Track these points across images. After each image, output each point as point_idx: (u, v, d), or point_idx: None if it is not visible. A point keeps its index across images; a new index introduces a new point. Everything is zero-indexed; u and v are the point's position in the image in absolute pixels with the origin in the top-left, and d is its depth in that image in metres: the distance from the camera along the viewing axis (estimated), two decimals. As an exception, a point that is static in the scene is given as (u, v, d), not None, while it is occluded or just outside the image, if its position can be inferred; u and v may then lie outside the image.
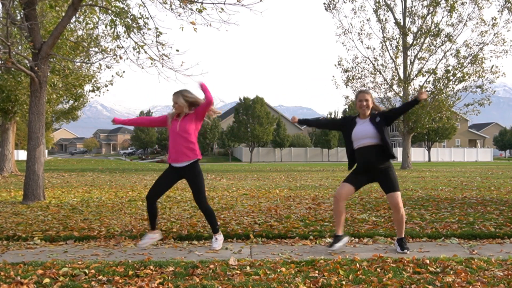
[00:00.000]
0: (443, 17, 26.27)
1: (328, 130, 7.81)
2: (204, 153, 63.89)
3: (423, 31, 26.39)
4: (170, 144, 5.14)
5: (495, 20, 25.47)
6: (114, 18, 9.41)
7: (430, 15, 26.29)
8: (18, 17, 10.84)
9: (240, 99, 55.99)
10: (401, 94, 27.85)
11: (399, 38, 27.15)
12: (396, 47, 27.12)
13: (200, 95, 5.14)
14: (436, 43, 26.57)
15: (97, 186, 13.40)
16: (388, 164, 4.85)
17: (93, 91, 19.05)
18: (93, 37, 14.35)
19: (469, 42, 26.04)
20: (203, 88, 5.08)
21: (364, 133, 4.81)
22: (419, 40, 26.77)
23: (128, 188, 12.62)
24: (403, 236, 4.90)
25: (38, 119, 9.06)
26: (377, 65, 27.81)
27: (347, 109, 59.34)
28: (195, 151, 5.11)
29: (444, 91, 26.71)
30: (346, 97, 30.69)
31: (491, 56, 26.03)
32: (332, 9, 27.63)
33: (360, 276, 3.72)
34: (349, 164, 5.00)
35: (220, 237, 5.10)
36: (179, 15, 9.08)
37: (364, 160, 4.80)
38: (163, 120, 5.29)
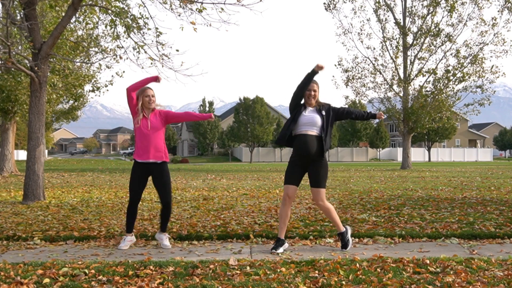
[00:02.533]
0: (443, 17, 26.28)
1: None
2: (204, 153, 63.91)
3: (423, 31, 26.40)
4: (139, 142, 5.12)
5: (495, 20, 25.47)
6: (114, 18, 9.41)
7: (430, 15, 26.30)
8: (18, 17, 10.85)
9: (240, 99, 55.99)
10: (401, 94, 27.85)
11: (399, 38, 27.16)
12: (396, 47, 27.13)
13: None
14: (436, 43, 26.58)
15: (97, 186, 13.40)
16: (322, 158, 4.87)
17: (93, 91, 19.04)
18: (93, 37, 14.34)
19: (469, 42, 26.05)
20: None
21: (310, 120, 4.82)
22: (419, 40, 26.78)
23: (128, 188, 12.61)
24: (342, 229, 4.94)
25: (38, 119, 9.06)
26: (377, 65, 27.82)
27: (347, 109, 59.36)
28: (165, 153, 5.16)
29: (444, 91, 26.72)
30: (346, 97, 30.70)
31: (491, 56, 26.07)
32: (332, 9, 27.63)
33: (360, 276, 3.72)
34: (279, 140, 5.00)
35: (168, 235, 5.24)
36: (179, 15, 9.08)
37: (302, 148, 4.79)
38: (135, 101, 5.10)
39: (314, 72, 4.84)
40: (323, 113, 4.88)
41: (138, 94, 5.10)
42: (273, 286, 3.47)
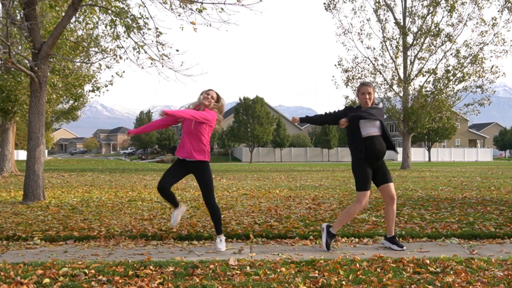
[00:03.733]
0: (443, 17, 26.27)
1: (330, 125, 7.84)
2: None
3: (423, 31, 26.39)
4: (182, 139, 5.06)
5: (495, 20, 25.46)
6: (114, 18, 9.41)
7: (430, 15, 26.29)
8: (18, 17, 10.84)
9: (240, 99, 55.99)
10: (401, 94, 27.85)
11: (399, 38, 27.14)
12: (396, 47, 27.11)
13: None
14: (436, 43, 26.57)
15: (97, 186, 13.40)
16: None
17: (93, 91, 19.02)
18: (93, 37, 14.35)
19: (469, 42, 26.04)
20: (168, 113, 5.00)
21: (371, 123, 4.86)
22: (419, 40, 26.77)
23: (128, 188, 12.62)
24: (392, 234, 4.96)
25: (38, 119, 9.06)
26: (377, 65, 27.81)
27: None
28: (208, 152, 5.08)
29: (444, 91, 26.71)
30: (346, 97, 30.68)
31: (491, 56, 26.03)
32: (332, 9, 27.62)
33: (360, 276, 3.72)
34: (362, 151, 4.82)
35: (223, 237, 5.08)
36: (179, 15, 9.08)
37: (374, 148, 4.81)
38: (173, 119, 5.11)
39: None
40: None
41: (200, 95, 5.09)
42: (273, 286, 3.47)
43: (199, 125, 4.98)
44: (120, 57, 10.16)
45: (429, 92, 27.15)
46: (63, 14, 9.51)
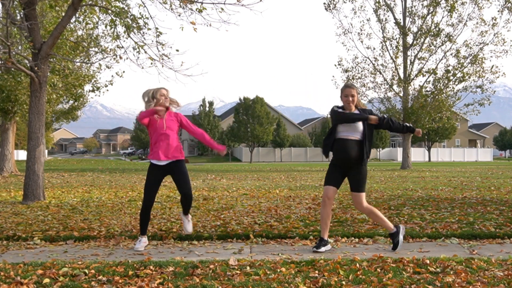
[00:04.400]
0: (443, 17, 26.28)
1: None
2: (204, 153, 63.92)
3: (423, 31, 26.40)
4: (156, 142, 5.01)
5: (495, 20, 25.47)
6: (114, 18, 9.41)
7: (430, 15, 26.30)
8: (18, 17, 10.84)
9: (240, 99, 55.99)
10: (401, 94, 27.85)
11: (399, 38, 27.15)
12: (396, 47, 27.12)
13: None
14: (436, 43, 26.58)
15: (97, 186, 13.40)
16: (363, 162, 4.84)
17: (93, 91, 19.04)
18: (93, 37, 14.35)
19: (469, 42, 26.05)
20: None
21: (351, 127, 4.81)
22: (419, 40, 26.77)
23: (128, 188, 12.62)
24: (393, 229, 4.94)
25: (38, 119, 9.06)
26: (377, 65, 27.82)
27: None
28: (181, 151, 5.13)
29: (444, 91, 26.72)
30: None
31: (491, 56, 26.06)
32: (332, 9, 27.63)
33: (360, 276, 3.72)
34: (325, 151, 4.95)
35: (190, 217, 5.34)
36: (179, 15, 9.08)
37: (344, 153, 4.80)
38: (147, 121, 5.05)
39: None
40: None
41: (153, 94, 5.04)
42: (273, 286, 3.47)
43: (170, 125, 5.01)
44: (120, 57, 10.17)
45: (429, 92, 27.16)
46: (63, 14, 9.51)
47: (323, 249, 4.79)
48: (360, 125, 4.82)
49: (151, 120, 5.04)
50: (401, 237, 4.90)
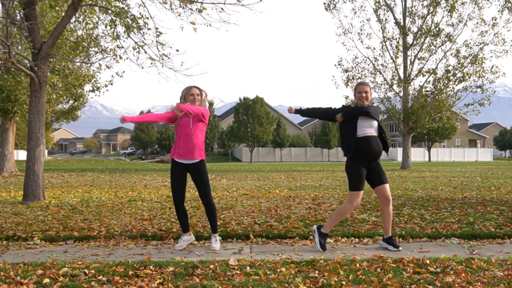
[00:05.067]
0: (443, 17, 26.27)
1: (323, 120, 7.58)
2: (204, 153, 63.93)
3: (423, 31, 26.39)
4: (181, 141, 5.01)
5: (495, 20, 25.46)
6: (114, 18, 9.41)
7: (430, 15, 26.29)
8: (18, 17, 10.84)
9: (240, 99, 55.99)
10: (401, 94, 27.85)
11: (399, 38, 27.14)
12: (396, 47, 27.11)
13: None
14: (436, 43, 26.57)
15: (97, 186, 13.40)
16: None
17: (93, 91, 19.02)
18: (93, 37, 14.34)
19: (469, 42, 26.04)
20: (184, 109, 5.01)
21: (368, 122, 4.83)
22: (419, 40, 26.76)
23: (128, 188, 12.62)
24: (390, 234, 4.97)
25: (38, 119, 9.05)
26: (377, 65, 27.81)
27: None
28: (203, 150, 5.10)
29: (444, 91, 26.70)
30: (346, 97, 30.69)
31: (491, 56, 26.03)
32: (332, 9, 27.62)
33: (360, 276, 3.72)
34: (354, 150, 4.79)
35: (218, 237, 5.11)
36: (179, 15, 9.08)
37: (370, 149, 4.78)
38: (172, 116, 5.08)
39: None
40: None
41: (184, 94, 5.08)
42: (273, 286, 3.47)
43: (197, 124, 4.99)
44: (120, 57, 10.17)
45: (429, 92, 27.15)
46: (63, 14, 9.51)
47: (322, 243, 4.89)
48: (375, 121, 4.87)
49: (176, 117, 5.03)
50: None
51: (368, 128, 4.83)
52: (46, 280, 3.58)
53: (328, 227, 4.98)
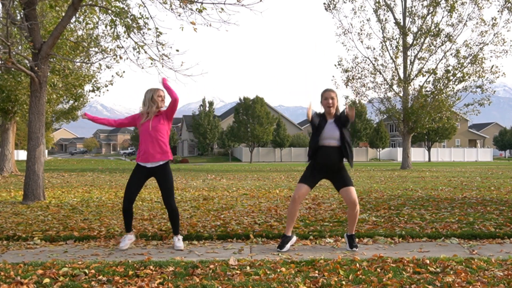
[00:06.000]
0: (443, 17, 26.29)
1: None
2: (204, 153, 63.92)
3: (423, 31, 26.41)
4: (141, 144, 5.04)
5: (495, 20, 25.48)
6: (114, 18, 9.41)
7: (430, 15, 26.31)
8: (18, 17, 10.84)
9: (240, 99, 55.98)
10: (401, 94, 27.86)
11: (399, 38, 27.16)
12: (396, 47, 27.13)
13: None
14: (436, 43, 26.59)
15: (97, 186, 13.40)
16: (342, 164, 4.98)
17: (93, 91, 19.04)
18: (93, 37, 14.34)
19: (469, 42, 26.06)
20: (166, 85, 5.00)
21: (330, 134, 4.85)
22: (419, 40, 26.78)
23: (128, 188, 12.60)
24: (354, 233, 4.99)
25: (38, 119, 9.06)
26: (377, 65, 27.83)
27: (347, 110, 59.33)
28: (167, 152, 5.06)
29: (444, 91, 26.72)
30: (346, 97, 30.71)
31: (491, 56, 26.08)
32: (332, 9, 27.64)
33: (360, 276, 3.72)
34: (310, 156, 4.96)
35: (181, 237, 5.13)
36: (179, 15, 9.08)
37: (327, 159, 4.85)
38: (131, 120, 5.16)
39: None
40: (337, 123, 4.88)
41: (150, 95, 5.01)
42: (273, 286, 3.47)
43: (157, 125, 4.98)
44: (120, 57, 10.17)
45: (429, 92, 27.16)
46: (63, 14, 9.52)
47: (288, 246, 4.85)
48: (336, 131, 4.84)
49: (137, 121, 5.09)
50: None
51: (328, 139, 4.84)
52: (46, 280, 3.58)
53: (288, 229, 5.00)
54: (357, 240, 5.36)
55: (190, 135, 69.68)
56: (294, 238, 5.06)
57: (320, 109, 5.06)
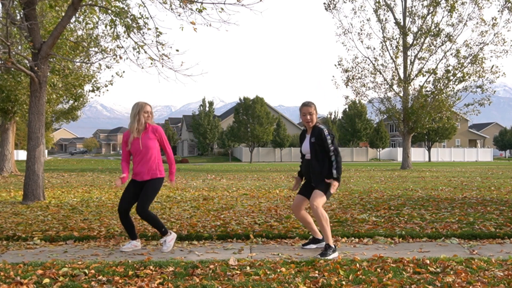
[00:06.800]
0: (443, 17, 26.28)
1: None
2: (204, 153, 63.92)
3: (423, 31, 26.40)
4: (133, 162, 5.01)
5: (495, 20, 25.47)
6: (114, 18, 9.41)
7: (430, 15, 26.30)
8: (18, 17, 10.84)
9: (240, 99, 55.96)
10: (401, 94, 27.86)
11: (399, 38, 27.15)
12: (396, 47, 27.12)
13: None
14: (436, 43, 26.58)
15: (97, 186, 13.40)
16: (323, 179, 4.75)
17: (93, 91, 19.03)
18: (93, 37, 14.34)
19: (469, 42, 26.05)
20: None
21: (305, 149, 4.92)
22: (419, 40, 26.77)
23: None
24: (329, 242, 4.65)
25: (38, 119, 9.05)
26: (377, 65, 27.82)
27: (347, 109, 59.36)
28: (158, 170, 4.99)
29: (444, 91, 26.72)
30: (346, 97, 30.71)
31: (491, 56, 26.06)
32: (332, 9, 27.63)
33: (360, 276, 3.72)
34: (300, 172, 5.15)
35: (169, 238, 5.01)
36: (179, 15, 9.08)
37: (305, 171, 4.97)
38: (126, 144, 5.05)
39: None
40: (312, 140, 4.82)
41: (136, 111, 4.93)
42: (273, 286, 3.47)
43: (147, 143, 4.92)
44: (120, 57, 10.17)
45: (429, 92, 27.16)
46: (63, 14, 9.51)
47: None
48: (306, 144, 4.89)
49: (128, 140, 5.01)
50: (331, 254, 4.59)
51: (307, 153, 4.91)
52: (46, 280, 3.58)
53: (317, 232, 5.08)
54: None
55: (190, 135, 69.70)
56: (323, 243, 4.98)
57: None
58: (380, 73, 27.89)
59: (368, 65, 28.03)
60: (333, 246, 4.65)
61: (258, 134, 53.61)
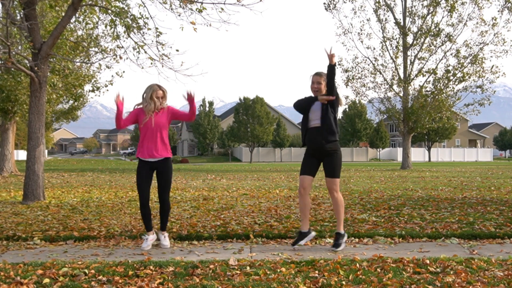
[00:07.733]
0: (443, 17, 26.28)
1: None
2: (204, 153, 63.91)
3: (423, 31, 26.40)
4: (144, 140, 5.07)
5: (495, 20, 25.47)
6: (114, 18, 9.41)
7: (430, 15, 26.30)
8: (18, 17, 10.83)
9: (240, 99, 55.98)
10: (401, 94, 27.86)
11: (399, 38, 27.15)
12: (396, 47, 27.12)
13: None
14: (436, 43, 26.58)
15: (97, 186, 13.40)
16: (335, 148, 4.93)
17: (93, 91, 19.04)
18: (93, 37, 14.34)
19: (469, 42, 26.05)
20: (190, 100, 5.04)
21: (314, 114, 4.92)
22: (419, 40, 26.78)
23: (128, 188, 12.62)
24: (340, 231, 4.94)
25: (38, 119, 9.05)
26: (377, 65, 27.82)
27: (347, 109, 59.36)
28: (169, 149, 5.17)
29: (444, 91, 26.72)
30: (346, 97, 30.69)
31: (491, 56, 26.06)
32: (332, 9, 27.63)
33: (360, 276, 3.72)
34: (303, 141, 5.08)
35: (167, 234, 5.23)
36: (179, 15, 9.08)
37: (310, 141, 4.95)
38: (134, 117, 5.11)
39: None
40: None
41: (149, 94, 5.00)
42: (273, 286, 3.47)
43: (159, 122, 5.03)
44: (120, 57, 10.17)
45: (429, 92, 27.16)
46: (63, 14, 9.51)
47: (305, 240, 4.95)
48: (317, 110, 4.89)
49: (139, 118, 5.09)
50: (344, 241, 4.94)
51: (314, 120, 4.92)
52: (46, 280, 3.58)
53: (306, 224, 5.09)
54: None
55: (190, 135, 69.68)
56: (313, 234, 5.11)
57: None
58: (380, 73, 27.89)
59: (368, 65, 28.05)
60: (343, 232, 4.94)
61: (258, 134, 53.61)
